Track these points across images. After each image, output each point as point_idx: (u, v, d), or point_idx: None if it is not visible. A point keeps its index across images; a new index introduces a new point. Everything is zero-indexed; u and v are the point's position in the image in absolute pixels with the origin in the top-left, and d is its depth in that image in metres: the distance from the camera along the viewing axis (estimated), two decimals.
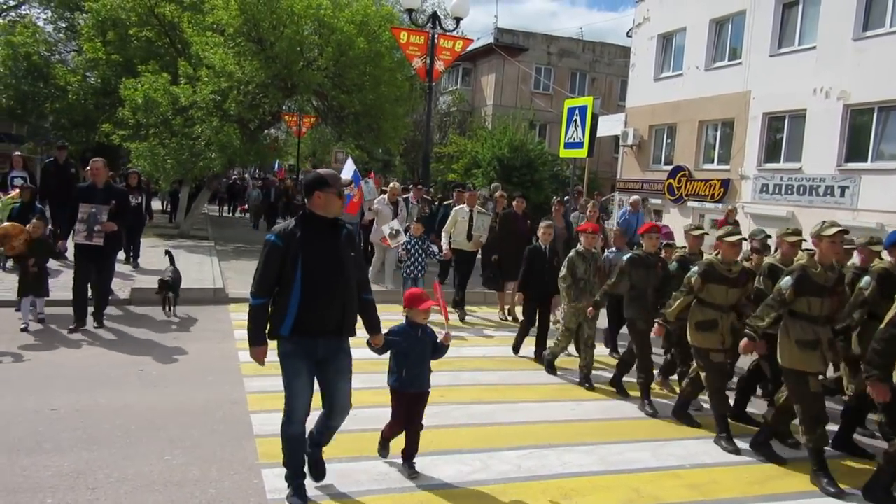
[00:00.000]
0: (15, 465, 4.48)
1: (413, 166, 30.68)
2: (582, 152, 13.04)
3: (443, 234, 10.65)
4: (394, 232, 10.31)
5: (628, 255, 6.88)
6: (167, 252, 9.93)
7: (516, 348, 8.32)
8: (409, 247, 9.56)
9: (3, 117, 25.95)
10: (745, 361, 6.61)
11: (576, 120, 13.04)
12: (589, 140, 12.77)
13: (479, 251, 11.02)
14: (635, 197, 14.04)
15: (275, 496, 4.30)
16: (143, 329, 8.44)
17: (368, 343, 4.56)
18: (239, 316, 9.40)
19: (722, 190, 19.42)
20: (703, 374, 5.87)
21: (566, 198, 13.00)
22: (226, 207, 29.95)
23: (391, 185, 12.75)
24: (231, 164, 18.63)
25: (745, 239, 6.48)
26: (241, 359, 7.26)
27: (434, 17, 14.05)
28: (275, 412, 5.67)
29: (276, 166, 35.05)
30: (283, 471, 4.61)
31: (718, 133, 20.62)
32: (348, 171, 12.49)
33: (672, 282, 6.61)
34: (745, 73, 19.05)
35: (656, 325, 6.24)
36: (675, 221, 18.61)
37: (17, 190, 10.54)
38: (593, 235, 7.45)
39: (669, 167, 21.63)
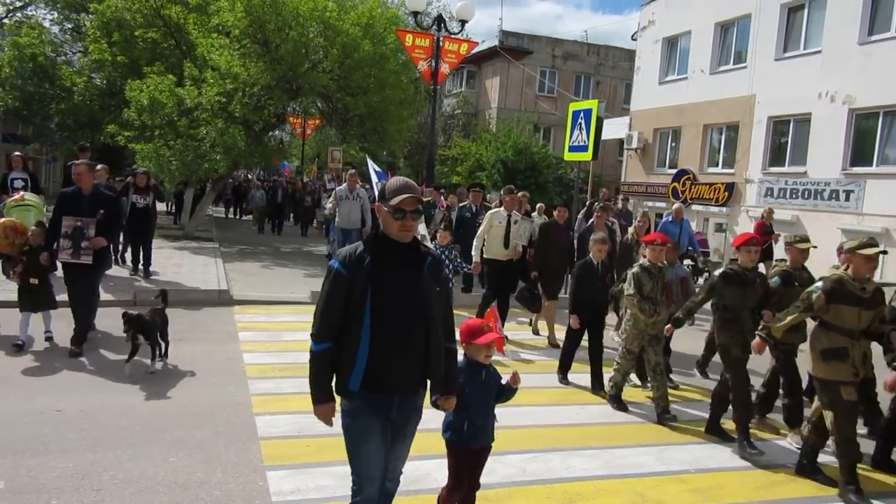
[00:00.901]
0: (20, 466, 4.49)
1: (417, 169, 30.71)
2: (586, 155, 13.02)
3: (475, 241, 9.26)
4: (419, 237, 10.06)
5: (721, 270, 5.95)
6: (162, 292, 7.84)
7: (564, 377, 7.42)
8: None
9: (9, 118, 26.11)
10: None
11: (580, 123, 13.03)
12: (593, 143, 12.76)
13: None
14: (678, 204, 13.07)
15: (279, 498, 4.30)
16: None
17: (434, 403, 3.61)
18: (243, 317, 9.44)
19: (726, 194, 19.41)
20: (828, 414, 5.00)
21: (601, 203, 12.12)
22: (231, 209, 29.41)
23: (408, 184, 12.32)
24: (236, 166, 18.66)
25: (884, 252, 5.43)
26: (245, 360, 7.28)
27: (439, 20, 14.06)
28: (279, 414, 5.71)
29: (284, 165, 34.42)
30: (288, 472, 4.62)
31: (723, 137, 20.61)
32: (372, 172, 12.08)
33: (772, 301, 5.93)
34: (750, 76, 19.04)
35: (757, 338, 5.46)
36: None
37: (20, 193, 9.39)
38: (661, 248, 6.56)
39: (674, 171, 21.62)
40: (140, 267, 11.63)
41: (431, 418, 5.80)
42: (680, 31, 22.14)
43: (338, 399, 3.45)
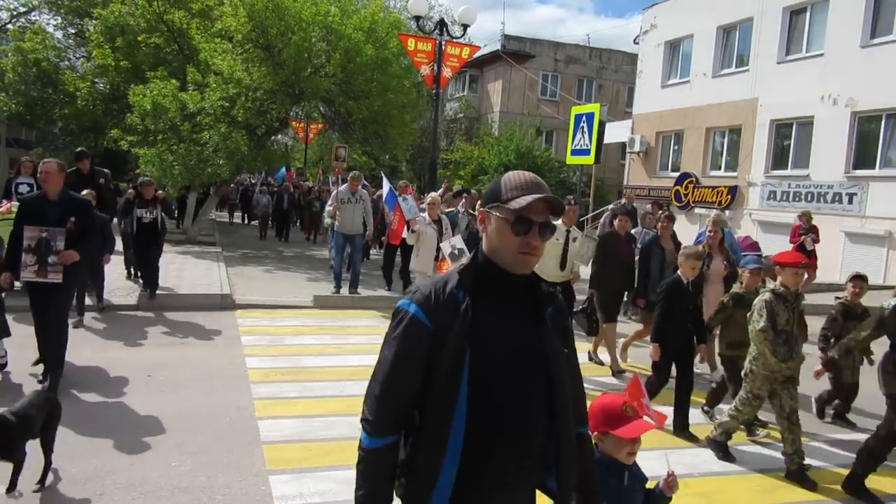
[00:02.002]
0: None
1: (420, 172, 30.74)
2: (589, 159, 13.03)
3: None
4: (456, 252, 8.21)
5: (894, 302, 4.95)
6: (48, 374, 6.09)
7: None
8: None
9: (13, 123, 26.21)
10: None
11: (583, 127, 13.05)
12: (596, 147, 12.77)
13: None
14: (716, 212, 12.10)
15: (282, 502, 4.30)
16: (151, 335, 8.45)
17: None
18: (246, 321, 9.44)
19: (729, 197, 19.40)
20: None
21: (664, 211, 10.86)
22: (237, 215, 28.23)
23: (429, 197, 10.14)
24: (239, 170, 18.69)
25: None
26: (247, 364, 7.28)
27: (441, 24, 14.08)
28: (282, 418, 5.71)
29: (289, 170, 33.74)
30: (290, 476, 4.62)
31: (726, 140, 20.61)
32: (385, 189, 11.43)
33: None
34: (752, 80, 19.05)
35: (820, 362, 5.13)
36: (683, 228, 18.57)
37: (6, 205, 8.72)
38: (798, 271, 5.30)
39: (676, 174, 21.63)
40: (140, 279, 10.66)
41: None
42: (682, 35, 22.15)
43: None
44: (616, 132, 24.35)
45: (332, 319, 9.98)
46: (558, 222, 7.52)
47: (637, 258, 8.47)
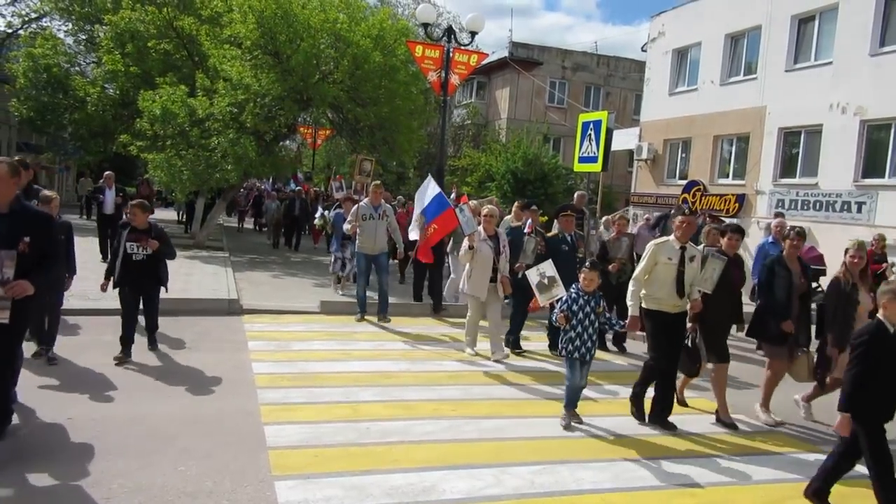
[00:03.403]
0: (30, 474, 4.50)
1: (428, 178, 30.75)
2: (596, 167, 13.02)
3: (632, 284, 6.47)
4: (546, 281, 6.76)
5: None
6: None
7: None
8: (571, 307, 6.10)
9: (24, 128, 26.39)
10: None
11: (590, 134, 13.03)
12: (603, 154, 12.75)
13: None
14: (779, 219, 11.25)
15: None
16: (158, 339, 8.45)
17: None
18: (253, 327, 9.46)
19: (737, 205, 19.33)
20: None
21: (793, 228, 9.85)
22: (246, 220, 27.79)
23: (486, 209, 8.86)
24: (247, 176, 18.75)
25: None
26: (254, 370, 7.29)
27: (449, 31, 14.11)
28: (288, 424, 5.72)
29: (301, 177, 33.40)
30: (296, 482, 4.62)
31: (734, 148, 20.57)
32: (429, 193, 9.41)
33: None
34: (760, 88, 19.01)
35: None
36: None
37: None
38: None
39: (684, 182, 21.57)
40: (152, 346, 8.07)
41: (442, 429, 5.81)
42: (690, 43, 22.14)
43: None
44: (623, 140, 24.33)
45: (339, 325, 9.99)
46: (670, 238, 6.50)
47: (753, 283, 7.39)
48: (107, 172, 14.62)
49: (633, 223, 16.91)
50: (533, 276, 6.95)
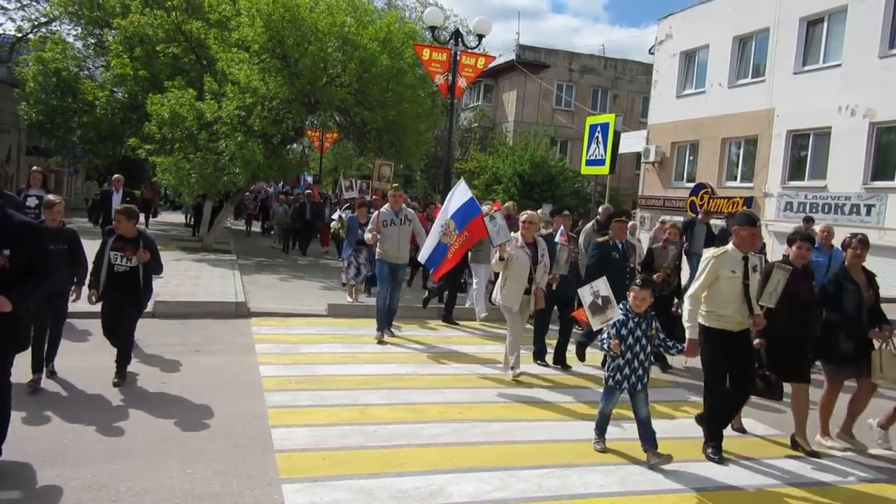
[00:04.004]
0: (38, 476, 4.52)
1: (434, 182, 30.81)
2: (603, 169, 13.01)
3: (690, 302, 5.77)
4: (599, 301, 5.72)
5: None
6: None
7: None
8: (620, 331, 5.47)
9: (33, 131, 26.52)
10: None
11: (597, 137, 13.03)
12: (611, 157, 12.75)
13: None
14: (826, 224, 10.67)
15: None
16: (166, 342, 8.49)
17: None
18: (260, 329, 9.48)
19: (745, 208, 19.27)
20: None
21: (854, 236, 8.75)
22: (254, 224, 27.44)
23: (525, 215, 8.07)
24: (255, 179, 18.79)
25: None
26: (262, 373, 7.30)
27: (456, 34, 14.15)
28: (295, 427, 5.72)
29: (310, 180, 33.04)
30: (303, 485, 4.62)
31: (741, 150, 20.51)
32: (459, 197, 8.21)
33: None
34: (768, 90, 18.96)
35: None
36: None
37: None
38: None
39: (692, 184, 21.53)
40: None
41: (449, 432, 5.81)
42: (698, 45, 22.10)
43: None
44: (631, 142, 24.31)
45: (347, 328, 10.00)
46: (728, 248, 5.75)
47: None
48: (115, 175, 14.23)
49: (639, 227, 16.86)
50: (585, 295, 5.80)
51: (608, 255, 8.23)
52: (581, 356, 8.52)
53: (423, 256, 8.36)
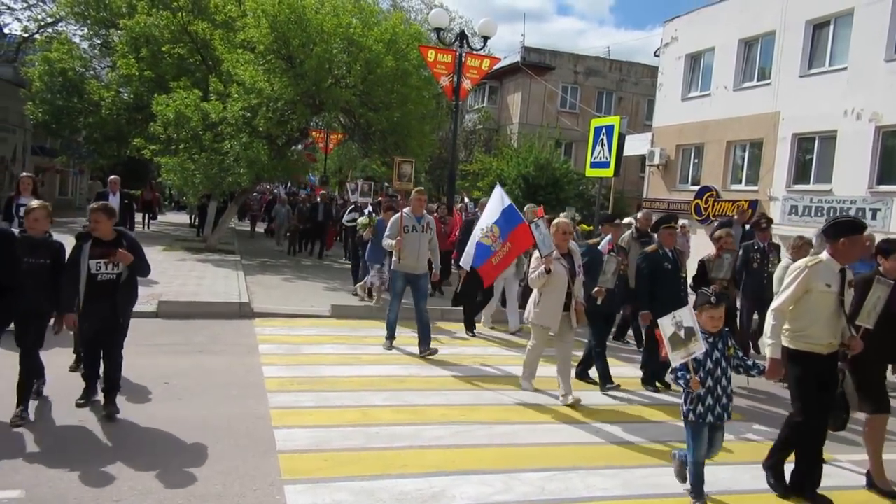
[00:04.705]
0: (41, 475, 4.53)
1: (439, 183, 30.81)
2: (608, 172, 12.98)
3: (773, 317, 5.04)
4: (682, 333, 4.73)
5: None
6: None
7: None
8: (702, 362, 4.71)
9: (39, 131, 26.62)
10: None
11: (602, 139, 13.00)
12: (615, 159, 12.72)
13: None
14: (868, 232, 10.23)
15: None
16: (169, 342, 8.51)
17: None
18: (264, 330, 9.48)
19: (750, 211, 19.18)
20: None
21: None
22: (259, 225, 27.26)
23: (558, 220, 7.46)
24: (259, 180, 18.81)
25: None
26: (265, 373, 7.30)
27: (462, 36, 14.19)
28: (298, 428, 5.71)
29: (316, 181, 32.75)
30: (305, 486, 4.61)
31: (747, 154, 20.46)
32: (497, 203, 7.99)
33: None
34: (774, 93, 18.90)
35: None
36: (704, 242, 18.41)
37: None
38: None
39: (696, 187, 21.48)
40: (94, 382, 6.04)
41: (451, 434, 5.80)
42: (703, 48, 22.05)
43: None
44: (636, 145, 24.26)
45: (350, 329, 10.00)
46: (823, 256, 5.00)
47: None
48: (111, 177, 13.21)
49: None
50: (667, 325, 4.83)
51: (660, 267, 7.55)
52: (601, 378, 7.91)
53: (464, 262, 8.24)
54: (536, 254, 7.06)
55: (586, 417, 6.68)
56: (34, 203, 5.70)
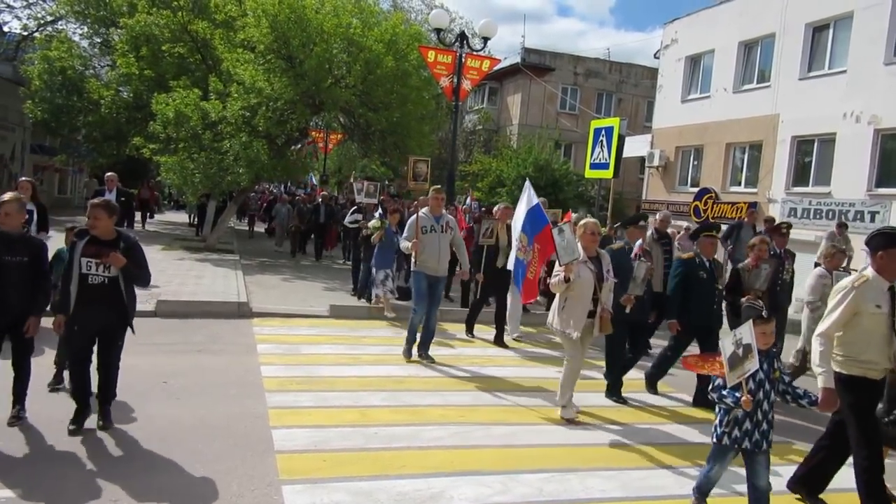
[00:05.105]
0: (37, 476, 4.52)
1: (438, 184, 30.81)
2: (607, 173, 12.99)
3: (820, 342, 4.65)
4: (740, 352, 4.32)
5: None
6: None
7: None
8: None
9: (38, 130, 26.61)
10: None
11: (602, 141, 13.02)
12: (615, 161, 12.73)
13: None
14: None
15: None
16: (167, 342, 8.50)
17: None
18: (262, 330, 9.47)
19: (752, 210, 19.21)
20: None
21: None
22: (258, 224, 27.04)
23: (586, 220, 6.88)
24: (258, 179, 18.79)
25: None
26: (263, 373, 7.29)
27: (462, 37, 14.17)
28: (296, 428, 5.71)
29: (315, 181, 32.46)
30: (303, 486, 4.61)
31: (746, 156, 20.48)
32: (524, 204, 7.39)
33: None
34: (773, 95, 18.92)
35: None
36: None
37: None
38: None
39: (696, 189, 21.49)
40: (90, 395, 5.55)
41: (450, 435, 5.79)
42: (703, 50, 22.07)
43: None
44: (635, 146, 24.27)
45: (348, 329, 9.99)
46: (869, 274, 4.60)
47: None
48: (108, 174, 12.78)
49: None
50: (727, 345, 4.36)
51: (695, 275, 7.11)
52: (653, 388, 7.71)
53: (514, 278, 7.61)
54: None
55: (585, 419, 6.67)
56: (6, 196, 5.25)
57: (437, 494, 4.66)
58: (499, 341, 9.76)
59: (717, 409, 4.51)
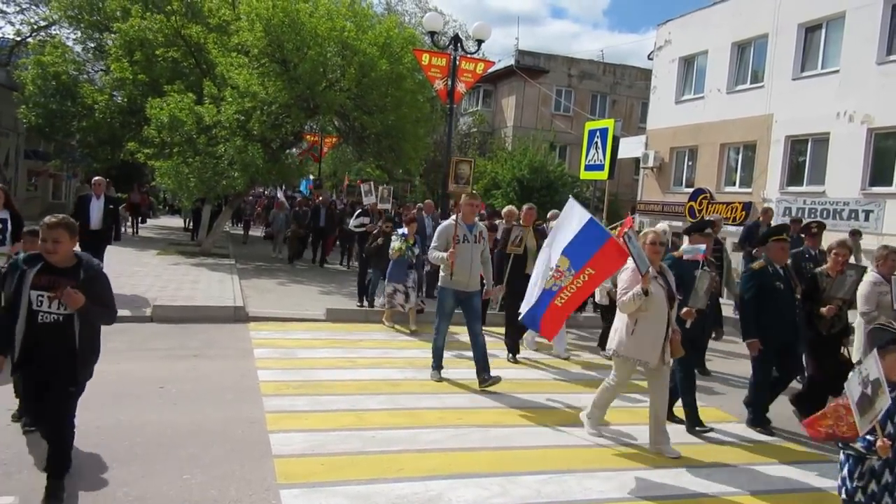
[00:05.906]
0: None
1: (433, 187, 30.82)
2: (602, 174, 13.01)
3: None
4: (869, 391, 3.65)
5: None
6: None
7: None
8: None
9: (32, 135, 26.52)
10: None
11: (596, 142, 13.03)
12: (609, 162, 12.75)
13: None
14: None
15: None
16: (163, 347, 8.48)
17: None
18: (258, 334, 9.46)
19: (744, 213, 19.27)
20: None
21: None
22: (253, 229, 26.54)
23: (650, 229, 6.16)
24: (253, 184, 18.76)
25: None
26: (260, 377, 7.28)
27: (456, 40, 14.18)
28: (293, 432, 5.70)
29: (313, 184, 32.15)
30: (301, 491, 4.60)
31: (740, 156, 20.54)
32: (572, 222, 6.13)
33: None
34: (767, 96, 18.99)
35: None
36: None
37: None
38: None
39: (690, 190, 21.54)
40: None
41: (447, 438, 5.79)
42: (697, 51, 22.15)
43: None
44: (630, 147, 24.33)
45: (345, 333, 9.98)
46: None
47: None
48: (95, 178, 11.92)
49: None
50: (854, 387, 3.67)
51: (770, 286, 6.39)
52: (805, 411, 6.32)
53: (522, 312, 6.52)
54: (625, 273, 5.69)
55: (582, 420, 6.66)
56: None
57: (436, 497, 4.65)
58: (513, 354, 8.98)
59: (842, 457, 3.75)
